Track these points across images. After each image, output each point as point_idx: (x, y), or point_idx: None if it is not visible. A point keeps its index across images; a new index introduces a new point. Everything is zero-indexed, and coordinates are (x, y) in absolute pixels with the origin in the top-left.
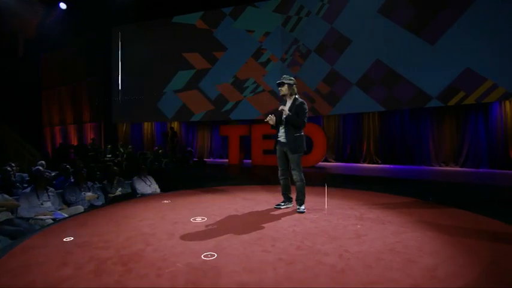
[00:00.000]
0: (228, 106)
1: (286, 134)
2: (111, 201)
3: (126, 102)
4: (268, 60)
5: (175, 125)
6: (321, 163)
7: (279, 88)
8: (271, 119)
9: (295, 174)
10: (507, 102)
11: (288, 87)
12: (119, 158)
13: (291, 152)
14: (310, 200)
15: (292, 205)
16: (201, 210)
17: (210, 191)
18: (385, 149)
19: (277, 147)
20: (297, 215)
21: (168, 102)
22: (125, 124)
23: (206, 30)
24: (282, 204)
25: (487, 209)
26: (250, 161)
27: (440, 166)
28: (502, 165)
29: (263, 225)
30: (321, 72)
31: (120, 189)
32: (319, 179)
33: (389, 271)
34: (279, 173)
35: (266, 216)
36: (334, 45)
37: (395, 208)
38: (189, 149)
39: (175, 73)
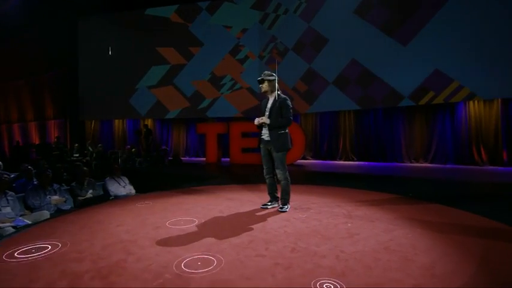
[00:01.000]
0: (205, 103)
1: (270, 132)
2: (81, 204)
3: (95, 98)
4: (246, 57)
5: (149, 122)
6: (299, 161)
7: (260, 85)
8: (258, 121)
9: (280, 173)
10: (471, 103)
11: (269, 83)
12: (87, 158)
13: (276, 151)
14: (295, 198)
15: (278, 204)
16: (184, 213)
17: (191, 192)
18: (360, 146)
19: (261, 146)
20: (285, 215)
21: (141, 99)
22: (93, 121)
23: (181, 24)
24: (269, 204)
25: (464, 204)
26: (228, 159)
27: (411, 162)
28: (467, 161)
29: (252, 226)
30: (298, 70)
31: (91, 191)
32: (299, 177)
33: (389, 271)
34: (264, 171)
35: (254, 217)
36: (311, 44)
37: (380, 205)
38: (164, 147)
39: (148, 68)
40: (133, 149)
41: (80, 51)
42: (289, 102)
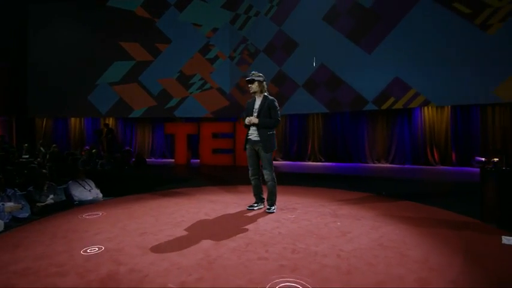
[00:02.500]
0: (173, 103)
1: (258, 132)
2: (41, 211)
3: (48, 94)
4: (216, 57)
5: (110, 121)
6: None
7: (249, 85)
8: (249, 121)
9: (267, 174)
10: (425, 108)
11: (259, 84)
12: (39, 159)
13: (264, 151)
14: (280, 199)
15: (264, 206)
16: (167, 217)
17: (170, 194)
18: (327, 148)
19: (247, 146)
20: (274, 216)
21: (102, 96)
22: (44, 119)
23: (148, 19)
24: (255, 205)
25: (429, 200)
26: (198, 160)
27: (373, 163)
28: (422, 161)
29: (244, 228)
30: (269, 72)
31: (51, 196)
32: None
33: (391, 267)
34: (250, 172)
35: (243, 219)
36: (282, 47)
37: (360, 203)
38: (127, 148)
39: (110, 63)
40: (93, 150)
41: (31, 41)
42: (277, 103)
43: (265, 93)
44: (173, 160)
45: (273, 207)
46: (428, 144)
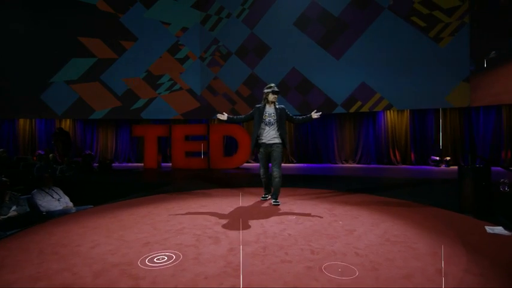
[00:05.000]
0: (139, 103)
1: (279, 134)
2: (5, 225)
3: None
4: (187, 57)
5: (67, 123)
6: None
7: (275, 96)
8: (222, 116)
9: (278, 171)
10: (388, 112)
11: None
12: None
13: (281, 151)
14: (270, 201)
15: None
16: (165, 224)
17: (155, 201)
18: (299, 149)
19: (261, 151)
20: (276, 218)
21: (58, 95)
22: None
23: (111, 14)
24: (267, 196)
25: (401, 196)
26: (169, 164)
27: (342, 163)
28: (385, 161)
29: (252, 232)
30: (241, 74)
31: (14, 207)
32: (252, 180)
33: (409, 261)
34: (262, 172)
35: (245, 223)
36: (254, 50)
37: (349, 202)
38: (88, 152)
39: (67, 60)
40: (50, 154)
41: None
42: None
43: (276, 102)
44: (142, 164)
45: (278, 201)
46: (390, 145)
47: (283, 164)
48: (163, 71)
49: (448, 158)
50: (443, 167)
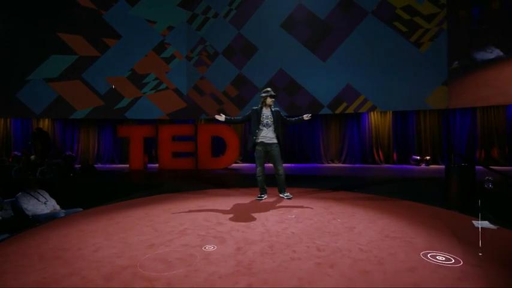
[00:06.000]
0: (124, 103)
1: (275, 135)
2: None
3: None
4: (173, 57)
5: (45, 123)
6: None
7: (273, 99)
8: (220, 117)
9: (282, 168)
10: (372, 113)
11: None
12: None
13: (279, 150)
14: (266, 200)
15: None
16: (165, 226)
17: (149, 202)
18: (286, 149)
19: (259, 148)
20: (276, 217)
21: (35, 94)
22: None
23: (93, 10)
24: (263, 196)
25: (390, 194)
26: (156, 165)
27: (328, 163)
28: (369, 161)
29: (255, 231)
30: (229, 75)
31: None
32: (244, 180)
33: (411, 254)
34: (259, 171)
35: (246, 222)
36: (241, 51)
37: (343, 200)
38: (69, 153)
39: (46, 57)
40: (32, 156)
41: None
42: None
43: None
44: (126, 165)
45: (289, 194)
46: (374, 145)
47: (270, 165)
48: (148, 70)
49: (428, 158)
50: (423, 166)
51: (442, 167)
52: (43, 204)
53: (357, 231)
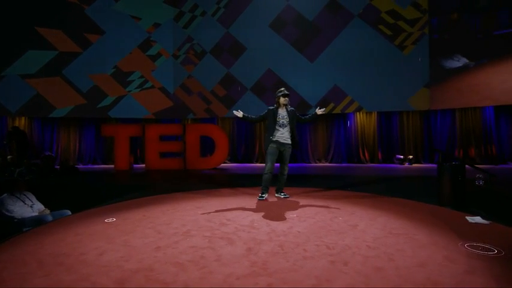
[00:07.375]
0: (107, 101)
1: (291, 135)
2: None
3: None
4: (159, 54)
5: (21, 121)
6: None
7: (286, 98)
8: (238, 113)
9: (287, 169)
10: (358, 114)
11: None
12: None
13: (291, 150)
14: (264, 200)
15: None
16: (168, 227)
17: (145, 204)
18: None
19: (273, 146)
20: (279, 216)
21: (11, 91)
22: None
23: (74, 4)
24: (264, 195)
25: (381, 192)
26: (142, 165)
27: (315, 163)
28: (355, 160)
29: (260, 231)
30: (217, 74)
31: None
32: (236, 180)
33: (417, 250)
34: (268, 169)
35: (249, 222)
36: (229, 50)
37: (340, 199)
38: (48, 153)
39: (23, 52)
40: (9, 157)
41: None
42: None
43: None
44: (111, 166)
45: (285, 193)
46: (360, 145)
47: (259, 164)
48: (133, 68)
49: (411, 157)
50: (406, 164)
51: (425, 165)
52: (29, 207)
53: (360, 228)
